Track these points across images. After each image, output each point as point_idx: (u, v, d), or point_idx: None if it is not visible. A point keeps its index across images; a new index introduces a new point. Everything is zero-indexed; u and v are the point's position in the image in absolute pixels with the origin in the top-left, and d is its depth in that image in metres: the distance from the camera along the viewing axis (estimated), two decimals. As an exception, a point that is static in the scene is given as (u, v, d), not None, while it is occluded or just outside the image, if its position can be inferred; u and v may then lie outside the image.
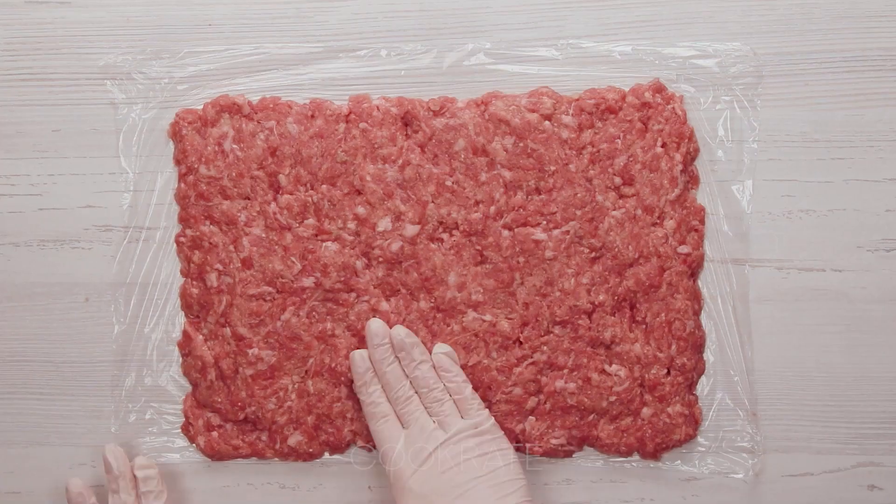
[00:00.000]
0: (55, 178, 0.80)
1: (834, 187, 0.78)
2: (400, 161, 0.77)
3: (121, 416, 0.79)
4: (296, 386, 0.78)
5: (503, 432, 0.74)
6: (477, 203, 0.77)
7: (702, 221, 0.77)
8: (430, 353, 0.75)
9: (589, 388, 0.77)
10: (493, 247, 0.77)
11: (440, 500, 0.69)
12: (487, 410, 0.74)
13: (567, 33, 0.78)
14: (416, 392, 0.74)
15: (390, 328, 0.75)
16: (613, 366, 0.77)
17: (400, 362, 0.74)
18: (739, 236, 0.78)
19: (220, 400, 0.78)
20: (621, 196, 0.77)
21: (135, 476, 0.76)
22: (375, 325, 0.75)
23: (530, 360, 0.77)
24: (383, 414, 0.73)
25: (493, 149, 0.77)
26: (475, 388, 0.76)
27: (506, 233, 0.77)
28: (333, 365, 0.77)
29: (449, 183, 0.77)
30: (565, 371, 0.77)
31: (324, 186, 0.77)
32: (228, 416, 0.78)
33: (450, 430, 0.72)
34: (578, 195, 0.76)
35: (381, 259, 0.77)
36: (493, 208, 0.76)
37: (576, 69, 0.78)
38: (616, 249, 0.76)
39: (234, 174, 0.77)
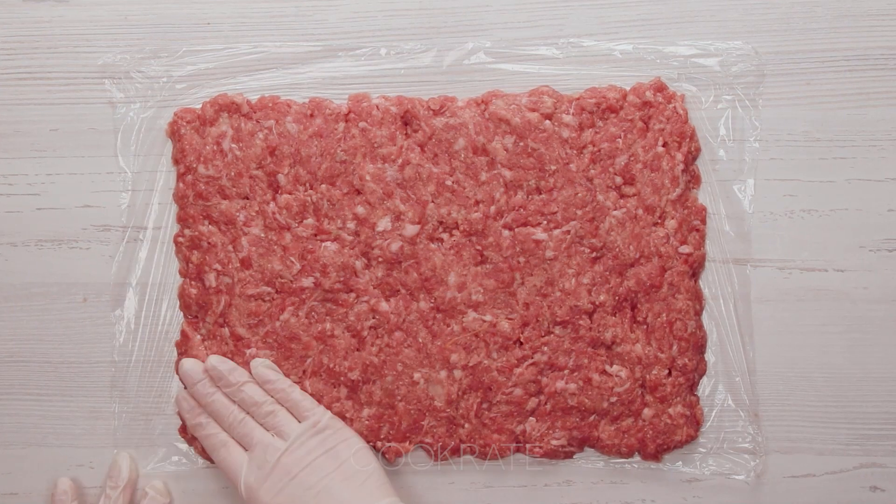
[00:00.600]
0: (53, 177, 0.80)
1: (836, 187, 0.78)
2: (399, 160, 0.77)
3: (120, 418, 0.79)
4: (295, 386, 0.78)
5: (343, 422, 0.74)
6: (477, 203, 0.76)
7: (703, 221, 0.77)
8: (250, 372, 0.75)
9: (590, 388, 0.76)
10: (493, 247, 0.76)
11: None
12: (322, 407, 0.74)
13: (568, 32, 0.78)
14: (248, 412, 0.73)
15: (260, 365, 0.75)
16: (614, 366, 0.77)
17: (222, 391, 0.74)
18: (741, 236, 0.78)
19: (217, 400, 0.78)
20: (622, 196, 0.77)
21: (138, 488, 0.77)
22: (188, 365, 0.75)
23: (531, 361, 0.77)
24: (222, 442, 0.73)
25: (493, 148, 0.76)
26: (475, 390, 0.76)
27: (506, 233, 0.76)
28: (332, 365, 0.77)
29: (449, 182, 0.76)
30: (566, 372, 0.76)
31: (323, 186, 0.77)
32: (226, 416, 0.78)
33: (289, 437, 0.72)
34: (579, 195, 0.76)
35: (380, 259, 0.76)
36: (493, 208, 0.76)
37: (576, 68, 0.78)
38: (617, 249, 0.76)
39: (232, 174, 0.77)
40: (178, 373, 0.76)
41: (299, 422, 0.73)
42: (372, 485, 0.70)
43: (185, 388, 0.76)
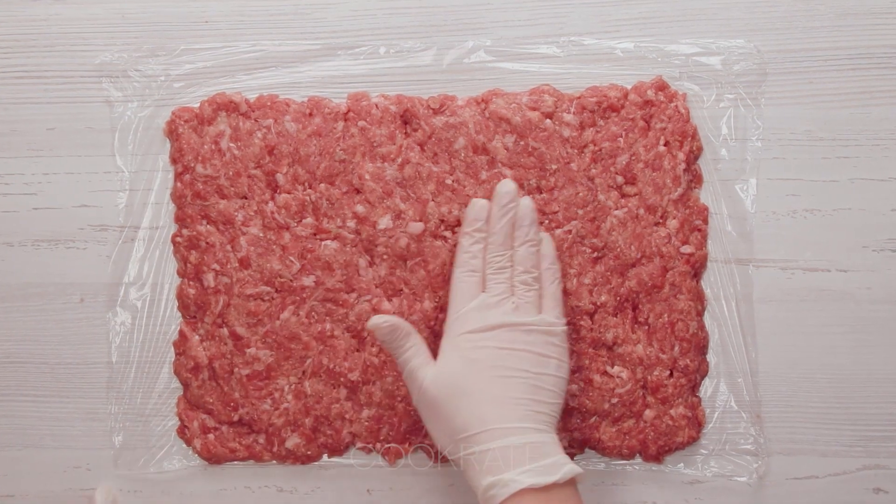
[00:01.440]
0: (50, 177, 0.80)
1: (839, 186, 0.77)
2: (399, 159, 0.76)
3: (118, 419, 0.79)
4: (292, 387, 0.77)
5: (570, 347, 0.72)
6: (478, 202, 0.76)
7: (705, 221, 0.77)
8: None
9: (591, 389, 0.76)
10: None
11: (484, 369, 0.68)
12: (566, 320, 0.72)
13: (568, 30, 0.78)
14: (511, 267, 0.72)
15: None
16: (616, 367, 0.76)
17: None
18: (743, 236, 0.77)
19: (211, 400, 0.77)
20: (623, 195, 0.76)
21: None
22: (508, 186, 0.73)
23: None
24: (473, 269, 0.72)
25: (493, 147, 0.76)
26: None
27: (508, 232, 0.76)
28: (332, 366, 0.77)
29: (449, 181, 0.76)
30: (567, 372, 0.76)
31: (322, 185, 0.76)
32: (221, 417, 0.78)
33: (525, 317, 0.70)
34: (580, 194, 0.76)
35: (385, 256, 0.76)
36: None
37: (577, 66, 0.78)
38: (618, 249, 0.76)
39: (231, 173, 0.77)
40: (496, 189, 0.73)
41: (539, 312, 0.71)
42: (547, 411, 0.68)
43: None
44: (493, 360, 0.68)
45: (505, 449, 0.66)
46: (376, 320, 0.70)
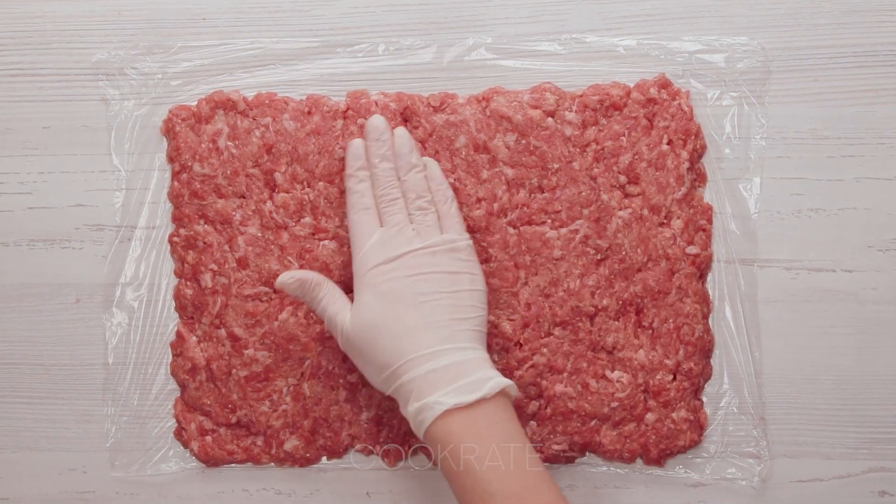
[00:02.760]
0: (45, 175, 0.79)
1: (844, 185, 0.77)
2: (399, 158, 0.76)
3: (114, 421, 0.78)
4: (290, 388, 0.77)
5: (478, 260, 0.72)
6: (479, 200, 0.75)
7: (709, 221, 0.76)
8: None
9: (588, 393, 0.75)
10: (499, 244, 0.75)
11: (397, 300, 0.68)
12: (468, 234, 0.72)
13: (570, 27, 0.78)
14: (403, 197, 0.72)
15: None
16: (616, 372, 0.75)
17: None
18: (747, 236, 0.77)
19: (209, 402, 0.77)
20: (627, 195, 0.76)
21: None
22: (378, 121, 0.73)
23: (530, 363, 0.76)
24: (365, 206, 0.72)
25: (494, 146, 0.75)
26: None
27: (511, 230, 0.75)
28: (331, 367, 0.76)
29: (450, 180, 0.75)
30: (564, 375, 0.76)
31: (320, 184, 0.76)
32: (219, 419, 0.77)
33: (427, 240, 0.70)
34: (583, 193, 0.75)
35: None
36: (496, 205, 0.75)
37: (579, 64, 0.77)
38: (624, 252, 0.75)
39: (228, 172, 0.76)
40: (365, 126, 0.73)
41: (440, 233, 0.71)
42: (470, 326, 0.69)
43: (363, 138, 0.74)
44: (405, 289, 0.68)
45: (429, 373, 0.66)
46: (283, 278, 0.71)
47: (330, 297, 0.71)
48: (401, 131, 0.73)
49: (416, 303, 0.68)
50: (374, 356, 0.68)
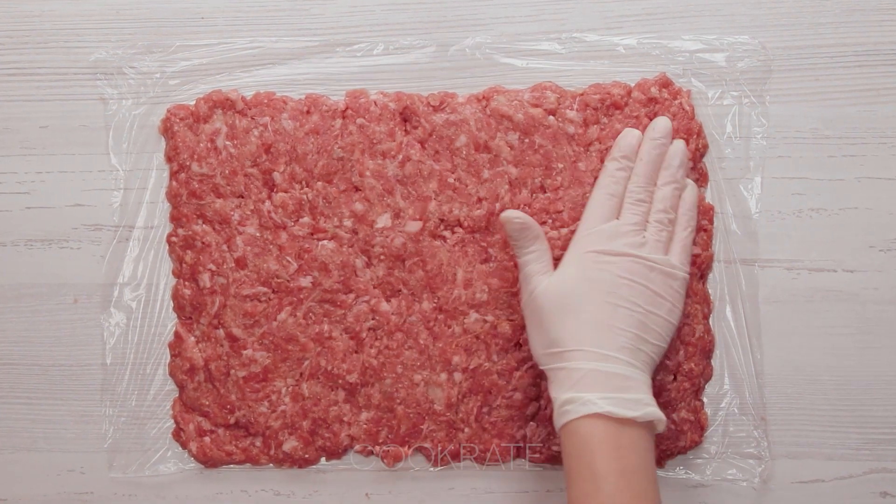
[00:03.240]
0: (43, 175, 0.79)
1: (845, 185, 0.77)
2: (400, 157, 0.75)
3: (112, 422, 0.78)
4: (289, 389, 0.76)
5: (685, 296, 0.71)
6: (480, 200, 0.75)
7: (711, 221, 0.76)
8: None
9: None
10: (499, 244, 0.75)
11: (597, 291, 0.68)
12: (689, 269, 0.72)
13: (570, 26, 0.77)
14: (650, 203, 0.72)
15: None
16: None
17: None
18: (748, 236, 0.77)
19: (207, 403, 0.77)
20: (627, 194, 0.76)
21: None
22: (664, 123, 0.73)
23: (529, 364, 0.75)
24: (613, 192, 0.71)
25: (495, 145, 0.75)
26: (475, 393, 0.75)
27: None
28: (330, 368, 0.76)
29: (451, 180, 0.75)
30: (566, 375, 0.75)
31: (319, 184, 0.76)
32: (217, 419, 0.77)
33: (651, 254, 0.70)
34: (587, 194, 0.75)
35: (382, 257, 0.75)
36: (497, 205, 0.75)
37: (579, 63, 0.77)
38: (623, 250, 0.75)
39: (227, 172, 0.76)
40: (651, 123, 0.73)
41: (665, 254, 0.71)
42: (647, 350, 0.68)
43: None
44: (609, 286, 0.68)
45: (594, 372, 0.66)
46: (509, 214, 0.71)
47: (539, 254, 0.71)
48: (680, 144, 0.73)
49: (613, 303, 0.68)
50: (550, 328, 0.68)
